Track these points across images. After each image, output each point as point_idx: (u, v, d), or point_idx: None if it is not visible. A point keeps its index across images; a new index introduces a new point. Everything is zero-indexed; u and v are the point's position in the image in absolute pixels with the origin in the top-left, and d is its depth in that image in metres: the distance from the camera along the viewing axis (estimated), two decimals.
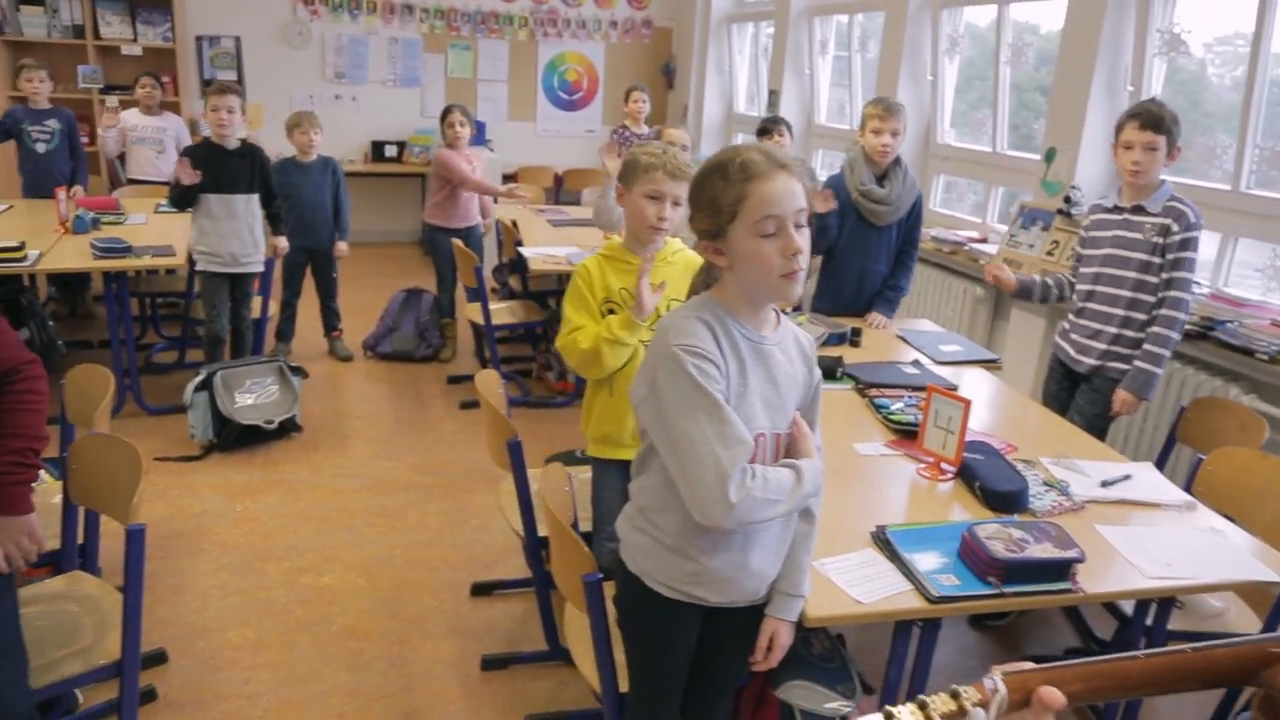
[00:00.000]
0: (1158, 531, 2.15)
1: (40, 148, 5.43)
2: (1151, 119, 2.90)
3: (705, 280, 1.67)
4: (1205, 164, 3.90)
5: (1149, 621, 2.26)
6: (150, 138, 5.75)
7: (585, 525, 2.57)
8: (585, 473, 2.72)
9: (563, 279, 5.76)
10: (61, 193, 4.73)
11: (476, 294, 4.60)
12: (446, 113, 5.16)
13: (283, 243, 4.68)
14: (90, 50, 7.06)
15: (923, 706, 0.72)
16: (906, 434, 2.61)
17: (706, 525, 1.52)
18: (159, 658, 2.70)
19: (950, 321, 4.85)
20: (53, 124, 5.47)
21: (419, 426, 4.44)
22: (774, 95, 7.14)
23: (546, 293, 5.57)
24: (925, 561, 1.89)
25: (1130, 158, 2.96)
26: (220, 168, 4.25)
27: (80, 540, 2.49)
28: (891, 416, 2.68)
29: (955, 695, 0.74)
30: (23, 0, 6.92)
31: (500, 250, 6.28)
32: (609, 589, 1.85)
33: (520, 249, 4.77)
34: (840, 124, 6.80)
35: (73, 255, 4.28)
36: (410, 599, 3.08)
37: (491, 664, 2.76)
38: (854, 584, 1.83)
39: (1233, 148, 3.71)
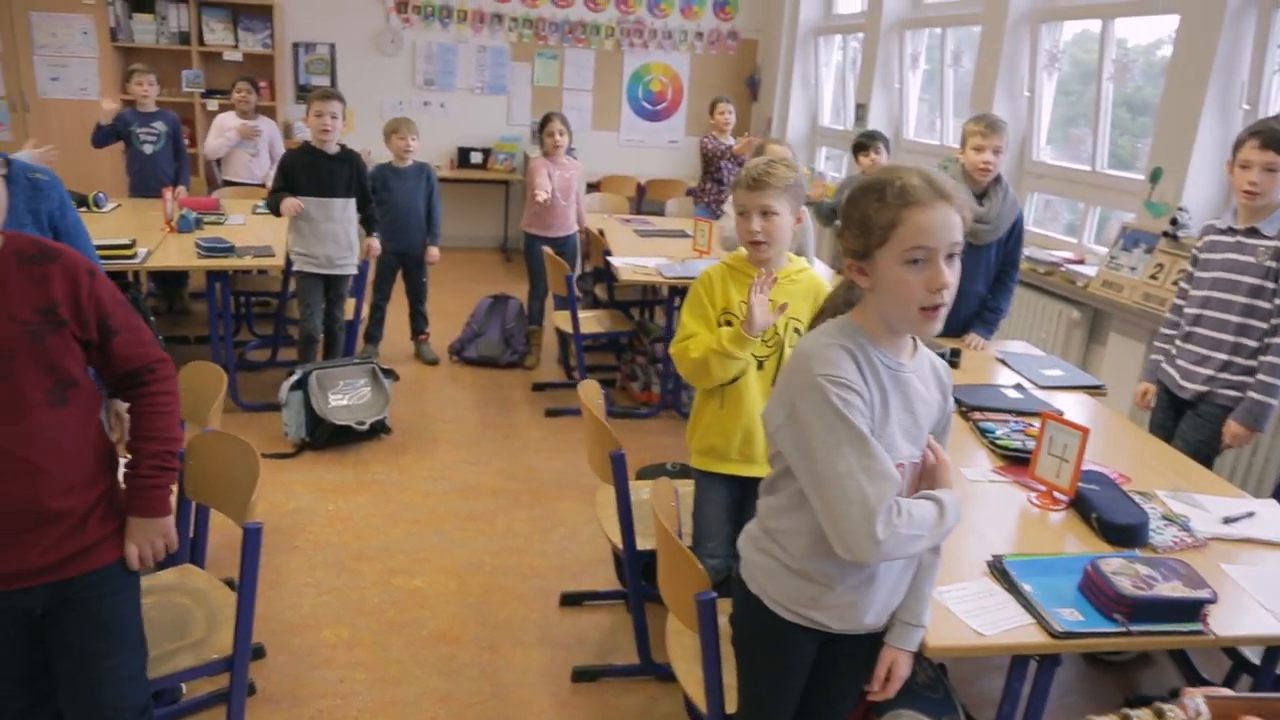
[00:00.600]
0: None
1: (147, 149, 5.62)
2: (1273, 138, 2.80)
3: (845, 299, 1.64)
4: None
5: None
6: (244, 141, 5.90)
7: (684, 540, 2.55)
8: (683, 485, 2.70)
9: (647, 290, 5.80)
10: (168, 193, 4.88)
11: (566, 302, 4.62)
12: (546, 121, 5.20)
13: (376, 244, 4.75)
14: (194, 56, 7.30)
15: (1159, 714, 0.71)
16: (1014, 460, 2.54)
17: (849, 560, 1.48)
18: (257, 652, 2.75)
19: (1044, 344, 4.73)
20: (159, 126, 5.65)
21: (505, 432, 4.48)
22: (861, 109, 7.07)
23: (631, 302, 5.58)
24: (1046, 594, 1.83)
25: (1247, 177, 2.85)
26: (319, 172, 4.34)
27: (191, 535, 2.54)
28: (998, 442, 2.62)
29: (1160, 714, 0.71)
30: (136, 8, 7.18)
31: (584, 259, 6.31)
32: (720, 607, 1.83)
33: (609, 258, 4.78)
34: (929, 139, 6.70)
35: (178, 253, 4.42)
36: (500, 605, 3.10)
37: (582, 675, 2.75)
38: (973, 614, 1.78)
39: None
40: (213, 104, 7.24)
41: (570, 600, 3.13)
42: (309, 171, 4.31)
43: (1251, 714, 0.73)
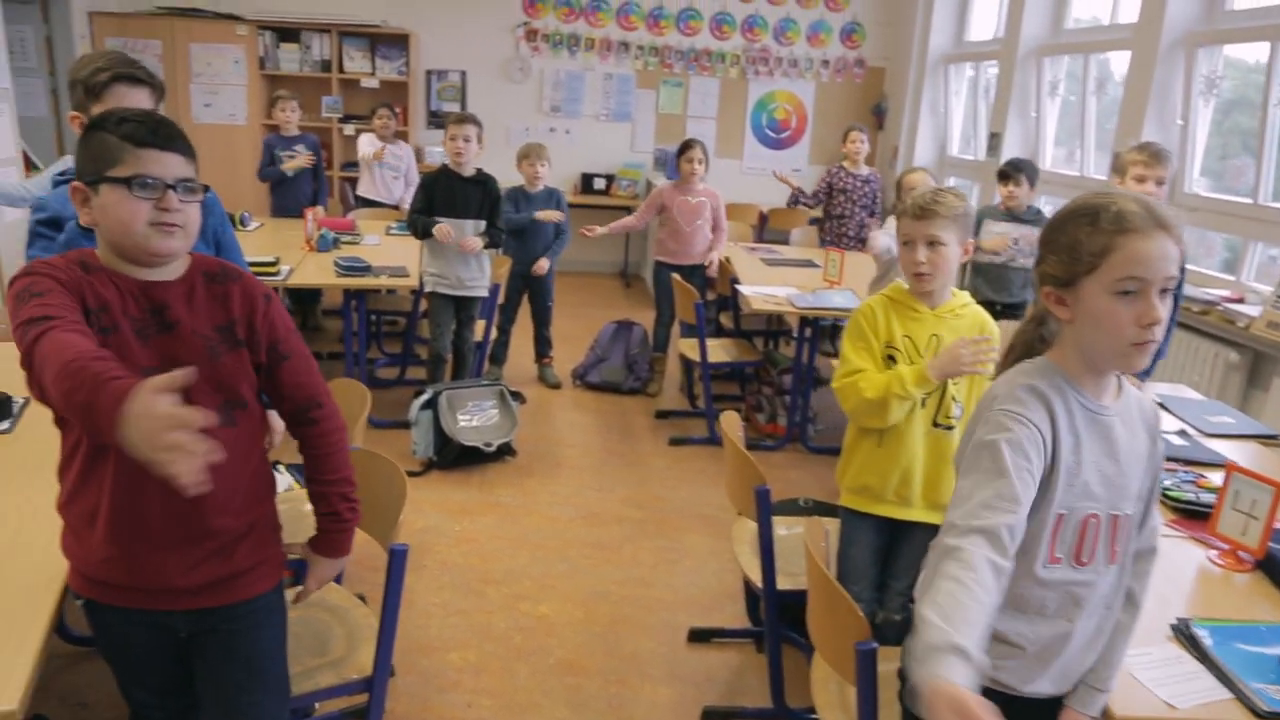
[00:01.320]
0: None
1: (289, 171, 5.82)
2: None
3: (1036, 335, 1.53)
4: None
5: None
6: (385, 162, 6.08)
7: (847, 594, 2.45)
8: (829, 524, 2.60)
9: (773, 320, 5.71)
10: (309, 213, 5.05)
11: (693, 330, 4.57)
12: (687, 147, 5.18)
13: (543, 262, 4.94)
14: (334, 83, 7.58)
15: None
16: (1188, 514, 2.36)
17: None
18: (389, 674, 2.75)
19: (1197, 388, 4.45)
20: (300, 149, 5.86)
21: (629, 460, 4.44)
22: (995, 138, 6.85)
23: (756, 332, 5.50)
24: (1245, 667, 1.67)
25: None
26: (455, 194, 4.41)
27: None
28: (1169, 494, 2.43)
29: None
30: (283, 39, 7.51)
31: (711, 287, 6.25)
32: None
33: (737, 286, 4.71)
34: (1068, 170, 6.43)
35: (317, 271, 4.54)
36: (627, 638, 3.04)
37: (713, 716, 2.67)
38: (1161, 684, 1.63)
39: None
40: (349, 128, 7.50)
41: (699, 636, 3.05)
42: (445, 193, 4.39)
43: None
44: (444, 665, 2.84)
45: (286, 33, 7.52)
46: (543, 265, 5.17)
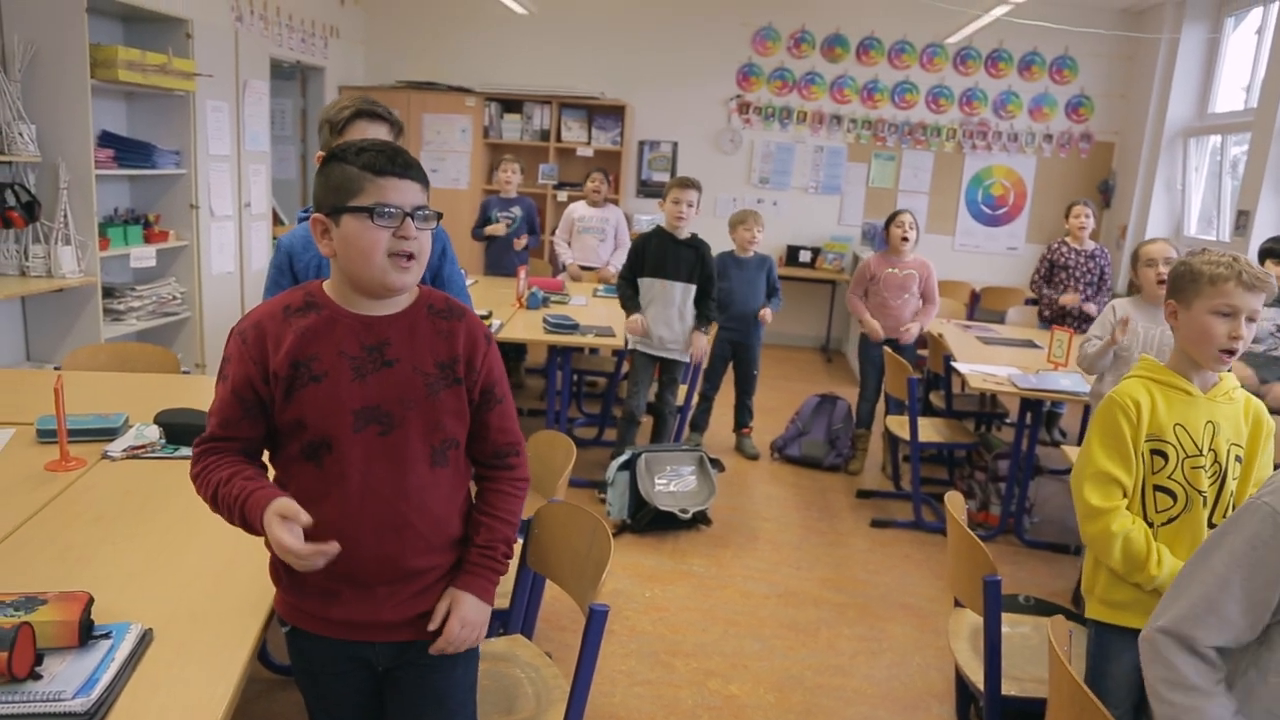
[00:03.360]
0: None
1: (503, 230, 6.04)
2: None
3: None
4: None
5: None
6: (595, 227, 6.21)
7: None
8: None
9: (985, 401, 5.36)
10: (521, 271, 5.19)
11: (903, 406, 4.33)
12: (896, 215, 5.02)
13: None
14: (551, 151, 7.88)
15: None
16: None
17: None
18: None
19: None
20: (516, 211, 6.08)
21: (829, 539, 4.22)
22: (1243, 216, 6.26)
23: (967, 413, 5.18)
24: None
25: None
26: (666, 254, 4.40)
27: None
28: None
29: None
30: (506, 110, 7.91)
31: (919, 364, 5.98)
32: None
33: (952, 364, 4.45)
34: None
35: (525, 327, 4.64)
36: None
37: None
38: None
39: None
40: (563, 195, 7.75)
41: None
42: (657, 253, 4.39)
43: None
44: None
45: (510, 104, 7.92)
46: (767, 314, 5.07)
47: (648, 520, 4.03)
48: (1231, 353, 1.99)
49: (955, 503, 2.39)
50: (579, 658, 1.93)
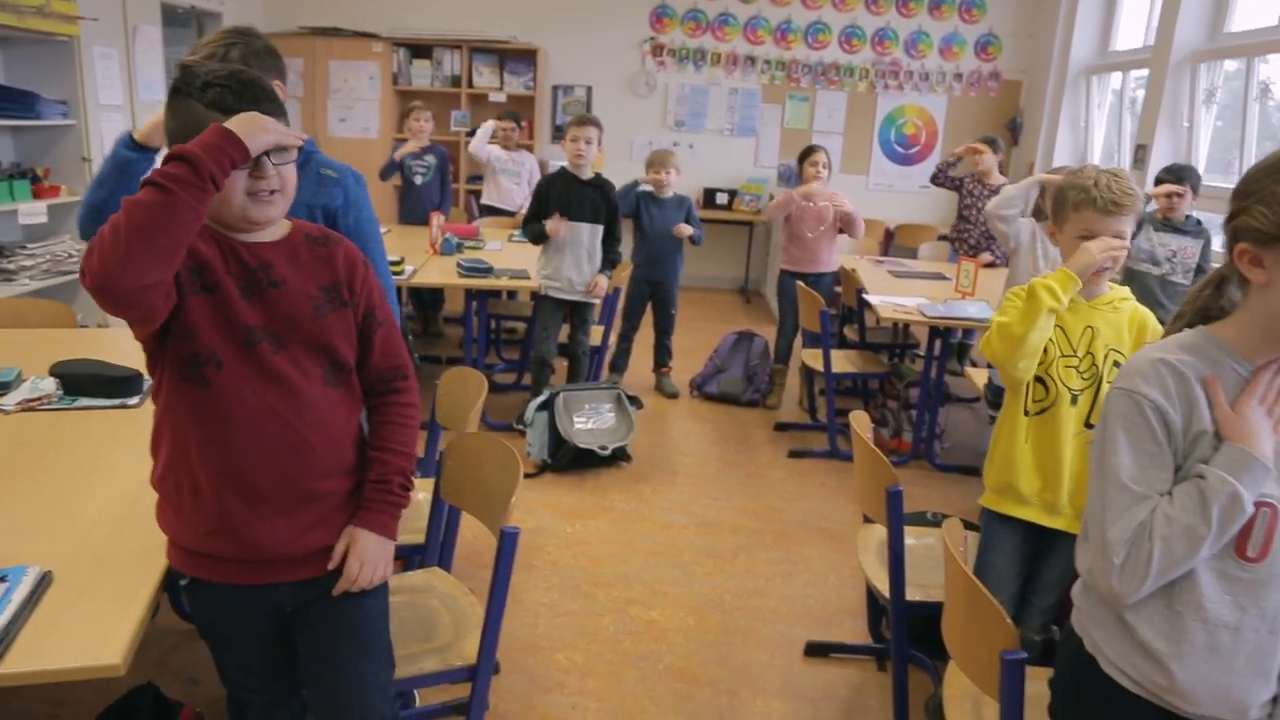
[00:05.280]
0: None
1: (417, 180, 5.95)
2: None
3: (1212, 302, 1.36)
4: None
5: None
6: (509, 169, 6.16)
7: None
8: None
9: (898, 333, 5.49)
10: (435, 218, 5.12)
11: (817, 339, 4.41)
12: (809, 152, 5.06)
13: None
14: (463, 98, 7.74)
15: None
16: None
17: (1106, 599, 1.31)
18: (494, 668, 2.69)
19: None
20: (430, 159, 5.98)
21: (747, 470, 4.30)
22: (1142, 150, 6.46)
23: (881, 345, 5.30)
24: None
25: None
26: (572, 195, 4.36)
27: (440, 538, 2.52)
28: None
29: None
30: (415, 55, 7.73)
31: (835, 299, 6.08)
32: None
33: (865, 296, 4.54)
34: (1224, 183, 6.01)
35: (439, 273, 4.59)
36: (740, 648, 2.90)
37: None
38: None
39: None
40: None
41: (816, 650, 2.89)
42: (562, 195, 4.35)
43: None
44: (550, 665, 2.76)
45: (419, 49, 7.73)
46: (684, 228, 5.03)
47: (568, 459, 4.05)
48: (1102, 272, 2.09)
49: (860, 422, 2.45)
50: (492, 580, 1.95)
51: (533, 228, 4.38)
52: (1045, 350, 2.12)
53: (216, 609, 1.68)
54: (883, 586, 2.36)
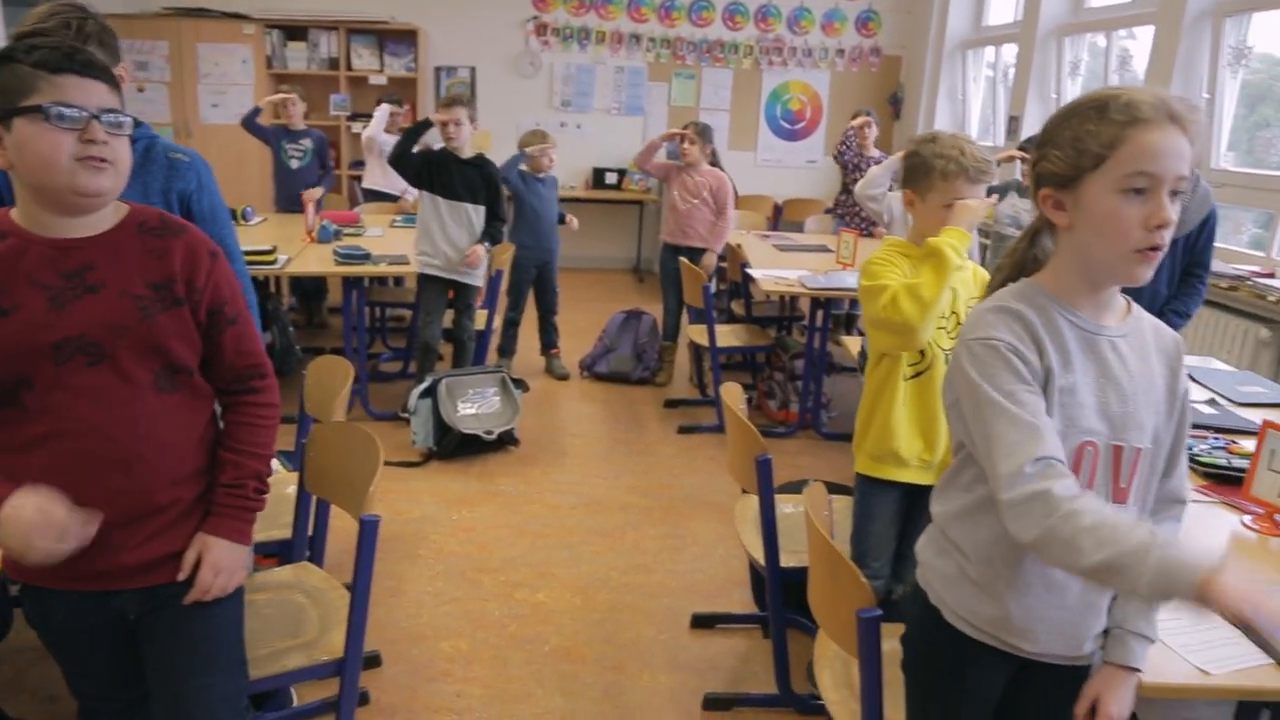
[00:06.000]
0: None
1: (293, 164, 5.75)
2: None
3: (1028, 257, 1.39)
4: None
5: None
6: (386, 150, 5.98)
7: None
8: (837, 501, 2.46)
9: (785, 307, 5.56)
10: (310, 205, 4.95)
11: (702, 315, 4.43)
12: (685, 127, 5.08)
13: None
14: (342, 80, 7.52)
15: None
16: (1220, 479, 2.20)
17: (1018, 542, 1.23)
18: (373, 661, 2.64)
19: (1227, 364, 4.26)
20: (306, 144, 5.79)
21: (636, 448, 4.30)
22: (1014, 121, 6.67)
23: (768, 319, 5.35)
24: None
25: None
26: (453, 175, 4.28)
27: (309, 533, 2.45)
28: (1200, 459, 2.27)
29: None
30: (290, 37, 7.47)
31: (722, 275, 6.12)
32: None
33: (747, 270, 4.57)
34: None
35: (316, 261, 4.45)
36: (627, 625, 2.90)
37: (715, 704, 2.52)
38: (1193, 649, 1.48)
39: None
40: (358, 126, 7.43)
41: (702, 622, 2.91)
42: (443, 172, 4.26)
43: None
44: (434, 654, 2.71)
45: (294, 31, 7.47)
46: (573, 221, 5.01)
47: (454, 445, 3.98)
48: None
49: (731, 393, 2.46)
50: (355, 569, 1.89)
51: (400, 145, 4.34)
52: None
53: (54, 616, 1.59)
54: (759, 555, 2.38)
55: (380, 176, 6.12)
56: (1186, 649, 1.48)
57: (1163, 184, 1.21)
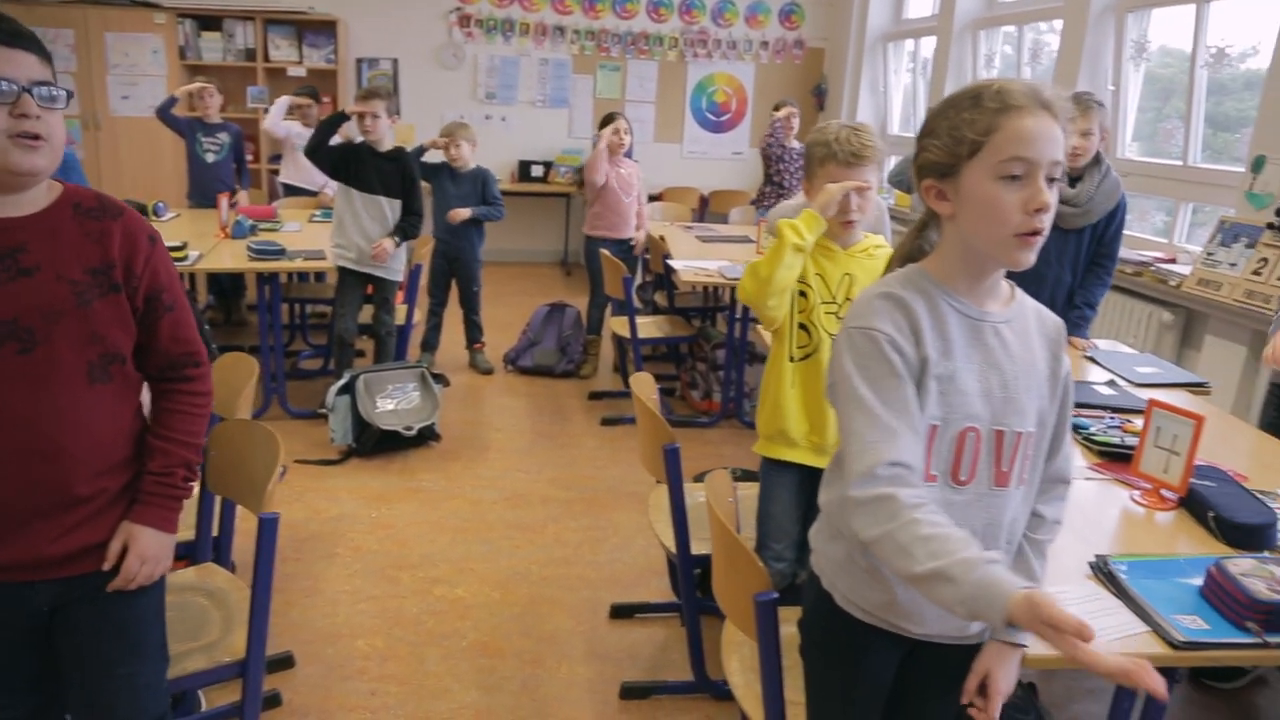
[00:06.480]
0: None
1: (209, 158, 5.62)
2: None
3: (916, 247, 1.42)
4: None
5: None
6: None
7: (746, 544, 2.33)
8: (745, 488, 2.48)
9: (709, 298, 5.59)
10: (223, 199, 4.84)
11: (624, 306, 4.43)
12: (610, 119, 5.06)
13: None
14: (260, 72, 7.36)
15: None
16: (1113, 457, 2.27)
17: (859, 537, 1.28)
18: (286, 662, 2.60)
19: (1133, 347, 4.40)
20: (223, 137, 5.66)
21: (559, 441, 4.29)
22: None
23: (692, 309, 5.38)
24: (1161, 600, 1.57)
25: None
26: (369, 169, 4.22)
27: (216, 534, 2.40)
28: (1093, 438, 2.35)
29: None
30: (204, 27, 7.27)
31: (646, 267, 6.14)
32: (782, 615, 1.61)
33: (669, 262, 4.59)
34: None
35: (230, 257, 4.35)
36: (546, 617, 2.90)
37: (631, 693, 2.53)
38: None
39: None
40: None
41: (621, 612, 2.92)
42: (359, 164, 4.20)
43: None
44: (349, 653, 2.68)
45: (208, 21, 7.28)
46: (457, 214, 4.90)
47: (373, 442, 3.93)
48: (849, 223, 2.18)
49: (641, 384, 2.47)
50: (254, 569, 1.86)
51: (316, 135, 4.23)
52: (806, 297, 2.20)
53: None
54: (672, 545, 2.39)
55: (295, 171, 6.02)
56: None
57: (1038, 169, 1.24)
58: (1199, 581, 1.61)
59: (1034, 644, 1.44)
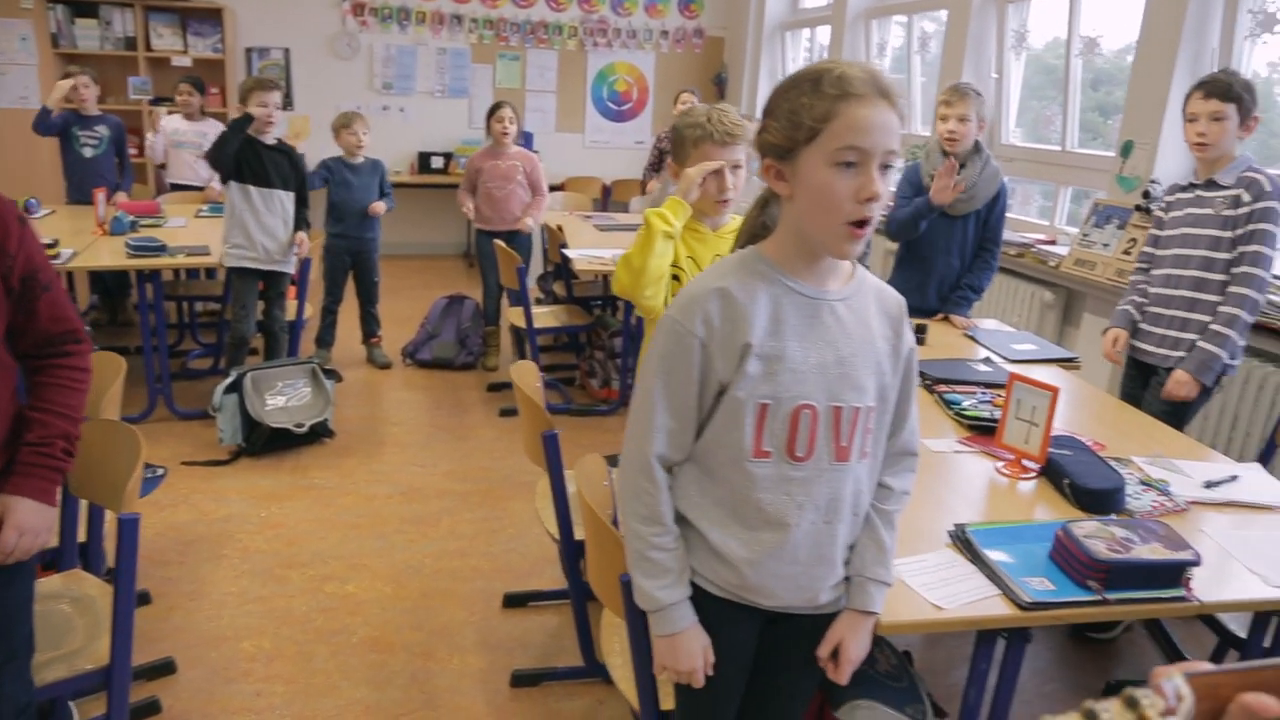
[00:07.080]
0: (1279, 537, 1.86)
1: (87, 153, 5.39)
2: (1218, 87, 2.73)
3: (760, 224, 1.45)
4: None
5: (1267, 641, 1.97)
6: (190, 142, 5.65)
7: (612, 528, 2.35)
8: None
9: (607, 283, 5.59)
10: (100, 194, 4.65)
11: (519, 297, 4.41)
12: (495, 108, 5.01)
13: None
14: (141, 62, 7.09)
15: (1131, 704, 0.52)
16: (981, 430, 2.35)
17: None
18: (167, 668, 2.52)
19: (1017, 326, 4.56)
20: (102, 130, 5.43)
21: (456, 434, 4.25)
22: None
23: (591, 299, 5.38)
24: (1014, 564, 1.63)
25: (1195, 130, 2.77)
26: (262, 161, 4.12)
27: (83, 539, 2.32)
28: (964, 413, 2.43)
29: (1133, 703, 0.51)
30: (78, 13, 6.97)
31: (545, 258, 6.13)
32: None
33: (564, 251, 4.58)
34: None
35: (108, 255, 4.19)
36: (438, 610, 2.87)
37: (522, 680, 2.53)
38: (931, 587, 1.58)
39: None
40: (162, 110, 7.01)
41: (513, 601, 2.91)
42: (252, 160, 4.08)
43: (1245, 688, 0.53)
44: (234, 655, 2.62)
45: (82, 7, 6.96)
46: (379, 206, 4.87)
47: (263, 441, 3.84)
48: (724, 203, 2.20)
49: (521, 372, 2.47)
50: (116, 573, 1.80)
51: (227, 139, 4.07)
52: (680, 280, 2.21)
53: None
54: (556, 530, 2.39)
55: (179, 168, 5.76)
56: (926, 587, 1.58)
57: (872, 158, 1.25)
58: (1050, 545, 1.68)
59: (889, 613, 1.49)
